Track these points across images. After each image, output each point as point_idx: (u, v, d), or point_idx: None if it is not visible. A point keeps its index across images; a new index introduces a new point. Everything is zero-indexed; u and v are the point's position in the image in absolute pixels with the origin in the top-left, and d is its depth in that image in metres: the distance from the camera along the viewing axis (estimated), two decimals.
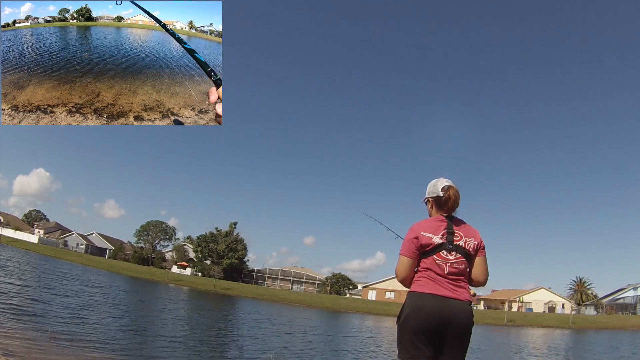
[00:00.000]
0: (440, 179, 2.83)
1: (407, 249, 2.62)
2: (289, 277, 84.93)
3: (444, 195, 2.73)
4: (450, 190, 2.74)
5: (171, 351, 9.71)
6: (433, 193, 2.79)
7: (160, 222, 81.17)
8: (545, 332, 36.00)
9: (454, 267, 2.58)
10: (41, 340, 7.93)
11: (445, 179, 2.83)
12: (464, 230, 2.68)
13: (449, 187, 2.76)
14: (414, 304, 2.55)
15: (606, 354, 19.27)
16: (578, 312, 61.64)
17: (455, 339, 2.50)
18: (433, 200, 2.80)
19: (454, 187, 2.78)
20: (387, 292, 73.19)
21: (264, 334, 15.89)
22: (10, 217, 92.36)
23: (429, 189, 2.85)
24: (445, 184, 2.78)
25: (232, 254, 71.74)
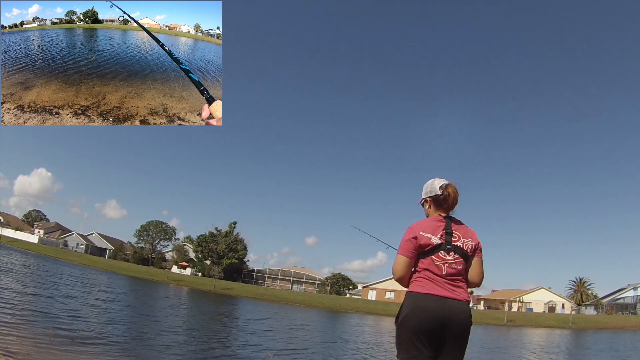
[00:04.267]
0: (436, 179, 2.80)
1: (406, 248, 2.62)
2: (289, 277, 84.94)
3: (443, 193, 2.71)
4: (448, 188, 2.72)
5: (171, 351, 9.70)
6: (431, 192, 2.76)
7: (160, 222, 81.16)
8: (545, 332, 36.01)
9: (452, 267, 2.57)
10: (41, 340, 7.92)
11: (442, 178, 2.80)
12: (462, 231, 2.67)
13: (447, 184, 2.74)
14: (413, 304, 2.54)
15: (606, 354, 19.28)
16: (578, 312, 61.66)
17: (455, 339, 2.50)
18: (431, 200, 2.77)
19: (452, 184, 2.76)
20: (387, 292, 73.21)
21: (264, 334, 15.90)
22: (11, 217, 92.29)
23: (425, 189, 2.82)
24: (442, 182, 2.76)
25: (232, 254, 71.73)
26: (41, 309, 12.13)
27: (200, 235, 74.50)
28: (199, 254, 72.86)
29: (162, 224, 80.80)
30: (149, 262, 76.03)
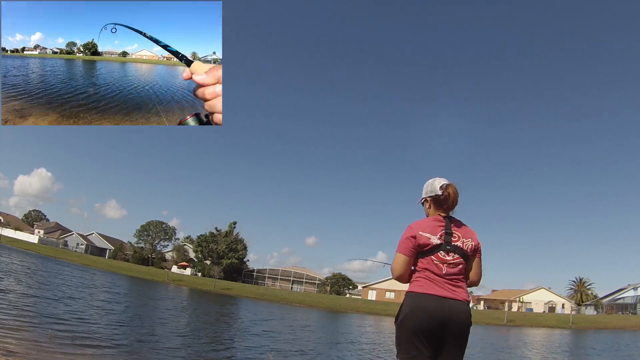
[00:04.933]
0: (436, 178, 2.79)
1: (404, 247, 2.63)
2: (289, 277, 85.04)
3: (443, 194, 2.71)
4: (449, 188, 2.72)
5: (170, 351, 9.71)
6: (431, 192, 2.76)
7: (160, 222, 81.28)
8: (545, 332, 36.07)
9: (452, 267, 2.58)
10: (41, 340, 7.93)
11: (442, 178, 2.79)
12: (462, 231, 2.67)
13: (447, 185, 2.73)
14: (413, 304, 2.55)
15: (606, 354, 19.32)
16: (578, 312, 61.72)
17: (454, 339, 2.51)
18: (431, 200, 2.77)
19: (453, 184, 2.75)
20: (387, 292, 73.32)
21: (263, 334, 15.94)
22: (11, 217, 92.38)
23: (425, 188, 2.82)
24: (443, 182, 2.75)
25: (232, 254, 71.83)
26: (41, 309, 12.15)
27: (200, 235, 74.64)
28: (199, 254, 72.95)
29: (162, 224, 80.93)
30: (149, 262, 76.13)
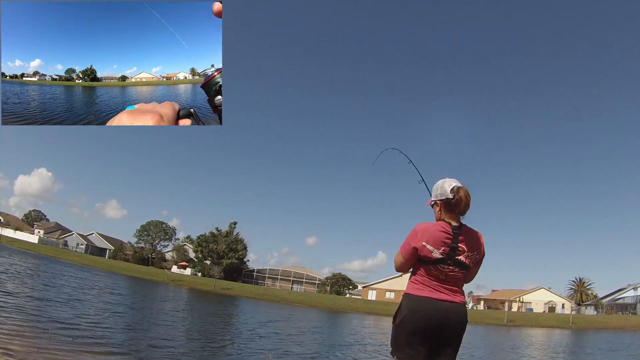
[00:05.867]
0: (447, 179, 2.64)
1: (406, 251, 2.61)
2: (289, 277, 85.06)
3: (454, 198, 2.56)
4: (460, 192, 2.57)
5: (170, 351, 9.66)
6: (441, 195, 2.61)
7: (160, 222, 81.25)
8: (545, 332, 36.09)
9: (450, 275, 2.59)
10: (41, 340, 7.89)
11: (453, 179, 2.64)
12: (468, 244, 2.57)
13: (458, 188, 2.58)
14: (411, 306, 2.58)
15: (606, 353, 19.33)
16: (578, 312, 61.78)
17: (450, 340, 2.56)
18: (442, 203, 2.62)
19: (464, 187, 2.60)
20: (387, 292, 73.32)
21: (263, 334, 15.90)
22: (11, 217, 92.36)
23: (435, 190, 2.67)
24: (453, 184, 2.60)
25: (232, 254, 71.83)
26: (41, 309, 12.09)
27: (200, 235, 74.62)
28: (199, 254, 72.95)
29: (162, 224, 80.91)
30: (149, 262, 76.13)
